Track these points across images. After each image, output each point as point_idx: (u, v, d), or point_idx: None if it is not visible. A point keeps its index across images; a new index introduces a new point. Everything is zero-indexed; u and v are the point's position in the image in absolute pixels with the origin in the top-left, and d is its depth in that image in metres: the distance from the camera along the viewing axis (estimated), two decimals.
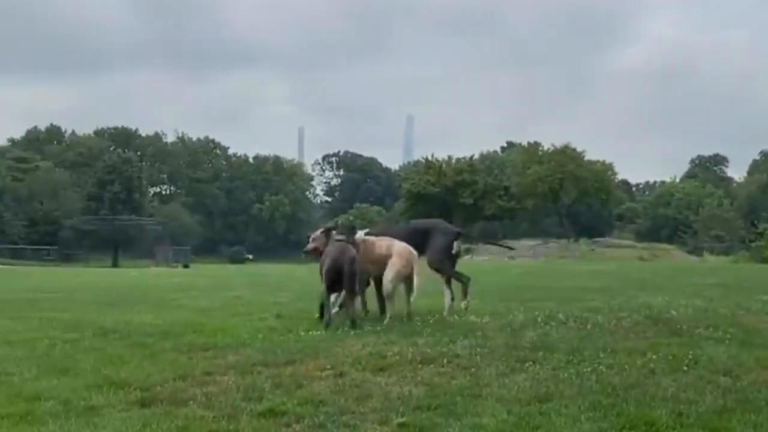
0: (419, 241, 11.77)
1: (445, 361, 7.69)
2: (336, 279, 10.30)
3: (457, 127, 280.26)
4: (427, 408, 6.02)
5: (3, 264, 74.20)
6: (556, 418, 5.70)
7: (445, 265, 11.91)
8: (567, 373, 7.11)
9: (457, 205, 79.41)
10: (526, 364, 7.50)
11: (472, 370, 7.33)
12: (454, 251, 12.04)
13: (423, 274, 11.28)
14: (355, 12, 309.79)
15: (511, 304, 12.59)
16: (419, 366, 7.52)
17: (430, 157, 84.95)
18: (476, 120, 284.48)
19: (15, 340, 9.68)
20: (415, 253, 11.26)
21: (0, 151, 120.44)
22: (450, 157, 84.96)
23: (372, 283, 11.57)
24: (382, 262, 11.04)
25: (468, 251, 54.30)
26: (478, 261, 45.61)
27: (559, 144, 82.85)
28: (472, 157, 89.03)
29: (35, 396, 6.57)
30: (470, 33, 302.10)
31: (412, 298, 11.16)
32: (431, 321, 10.39)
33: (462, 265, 12.75)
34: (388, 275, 10.91)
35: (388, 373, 7.27)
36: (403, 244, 11.25)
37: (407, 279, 11.07)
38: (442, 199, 79.31)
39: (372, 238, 11.59)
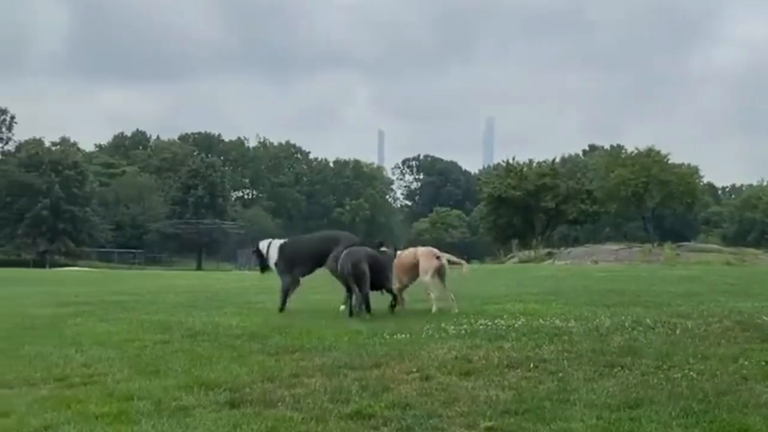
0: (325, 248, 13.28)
1: (531, 365, 7.63)
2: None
3: (537, 130, 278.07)
4: (514, 412, 5.99)
5: (91, 267, 76.31)
6: (647, 424, 5.61)
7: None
8: (657, 379, 6.99)
9: (539, 209, 78.54)
10: (615, 369, 7.40)
11: (560, 374, 7.26)
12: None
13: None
14: (435, 16, 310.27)
15: (596, 309, 12.42)
16: (505, 370, 7.48)
17: (511, 161, 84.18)
18: (557, 122, 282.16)
19: (107, 341, 9.93)
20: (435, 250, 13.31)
21: (88, 157, 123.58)
22: (531, 161, 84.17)
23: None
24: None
25: (549, 255, 53.71)
26: (560, 265, 45.06)
27: (643, 147, 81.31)
28: (554, 161, 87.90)
29: (128, 396, 6.73)
30: (552, 34, 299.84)
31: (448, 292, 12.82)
32: (516, 325, 10.30)
33: (543, 268, 12.66)
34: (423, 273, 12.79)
35: (474, 376, 7.25)
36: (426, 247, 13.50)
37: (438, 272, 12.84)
38: (524, 203, 78.51)
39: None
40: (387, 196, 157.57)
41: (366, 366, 7.74)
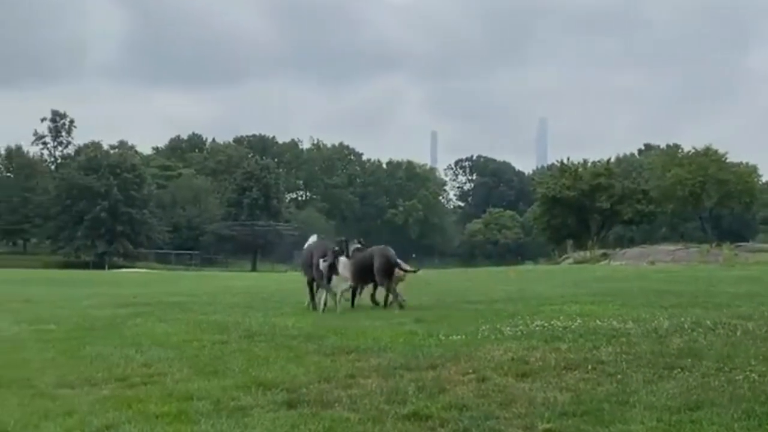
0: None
1: (589, 367, 7.55)
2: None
3: (591, 130, 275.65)
4: (573, 414, 5.94)
5: (149, 268, 77.40)
6: (708, 427, 5.53)
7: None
8: (718, 381, 6.87)
9: (594, 210, 77.64)
10: (675, 371, 7.29)
11: (618, 376, 7.17)
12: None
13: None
14: (488, 16, 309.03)
15: (654, 310, 12.24)
16: (563, 371, 7.41)
17: (565, 161, 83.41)
18: (611, 122, 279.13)
19: (166, 342, 10.06)
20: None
21: (145, 160, 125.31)
22: (585, 161, 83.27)
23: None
24: None
25: (604, 256, 53.08)
26: (616, 266, 44.54)
27: (699, 146, 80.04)
28: (608, 161, 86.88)
29: (187, 396, 6.82)
30: (605, 32, 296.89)
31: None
32: (573, 326, 10.21)
33: (598, 269, 12.55)
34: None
35: (531, 378, 7.20)
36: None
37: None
38: (578, 204, 77.69)
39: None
40: (440, 197, 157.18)
41: (422, 367, 7.73)
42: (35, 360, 8.90)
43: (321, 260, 14.02)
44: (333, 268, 13.93)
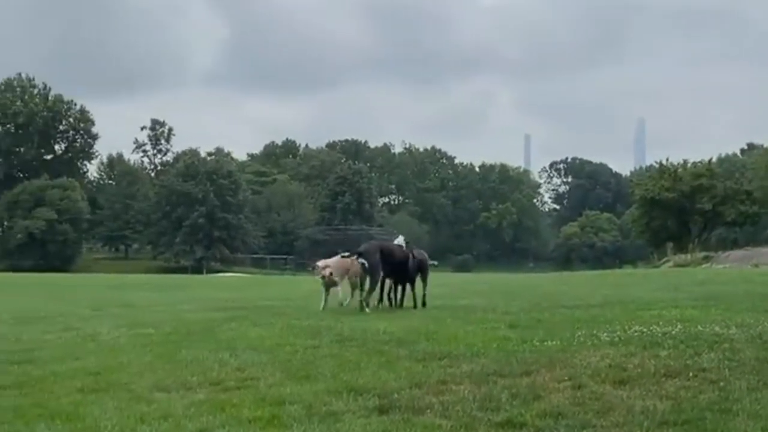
0: None
1: (690, 374, 7.29)
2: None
3: (691, 129, 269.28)
4: (673, 423, 5.74)
5: (245, 273, 78.70)
6: None
7: None
8: None
9: (695, 211, 75.66)
10: None
11: (721, 384, 6.91)
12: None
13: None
14: (582, 14, 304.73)
15: (759, 315, 11.79)
16: (662, 379, 7.18)
17: (664, 161, 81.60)
18: (712, 121, 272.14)
19: (259, 346, 10.13)
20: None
21: (241, 166, 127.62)
22: (686, 161, 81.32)
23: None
24: None
25: (706, 259, 51.75)
26: (718, 269, 43.35)
27: None
28: (710, 161, 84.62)
29: (280, 401, 6.83)
30: (705, 28, 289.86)
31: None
32: (673, 332, 9.89)
33: (700, 272, 12.19)
34: None
35: (629, 385, 6.99)
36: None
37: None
38: (678, 205, 75.82)
39: None
40: (534, 200, 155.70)
41: (516, 373, 7.59)
42: (133, 364, 9.05)
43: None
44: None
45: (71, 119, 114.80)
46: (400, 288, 15.81)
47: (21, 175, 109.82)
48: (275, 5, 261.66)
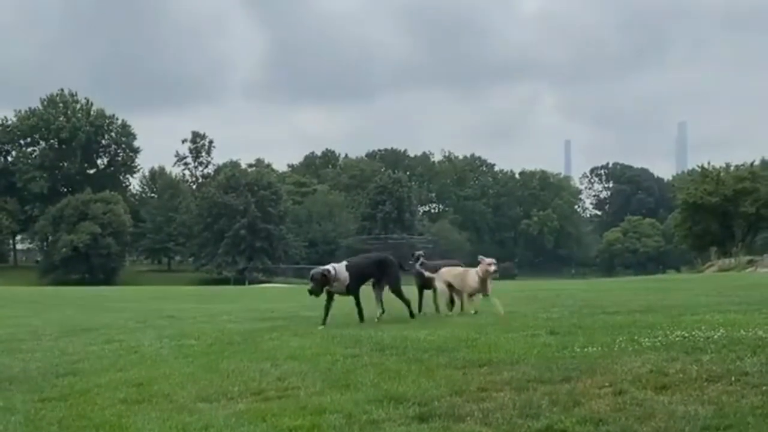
0: None
1: (733, 378, 7.20)
2: None
3: (733, 133, 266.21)
4: (715, 428, 5.70)
5: (287, 283, 79.08)
6: None
7: None
8: None
9: (738, 215, 74.73)
10: None
11: (764, 388, 6.81)
12: None
13: None
14: (623, 20, 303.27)
15: None
16: (704, 384, 7.09)
17: (706, 165, 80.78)
18: (755, 124, 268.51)
19: (300, 355, 10.18)
20: None
21: (281, 177, 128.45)
22: (728, 165, 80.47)
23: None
24: None
25: (750, 263, 51.07)
26: (763, 273, 42.73)
27: None
28: (752, 164, 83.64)
29: (320, 409, 6.86)
30: (748, 31, 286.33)
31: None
32: (715, 336, 9.77)
33: (744, 277, 12.03)
34: None
35: (671, 391, 6.91)
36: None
37: None
38: (722, 209, 74.96)
39: None
40: (575, 206, 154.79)
41: (556, 380, 7.55)
42: (175, 374, 9.14)
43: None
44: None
45: (113, 133, 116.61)
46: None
47: (65, 190, 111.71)
48: (314, 17, 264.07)
